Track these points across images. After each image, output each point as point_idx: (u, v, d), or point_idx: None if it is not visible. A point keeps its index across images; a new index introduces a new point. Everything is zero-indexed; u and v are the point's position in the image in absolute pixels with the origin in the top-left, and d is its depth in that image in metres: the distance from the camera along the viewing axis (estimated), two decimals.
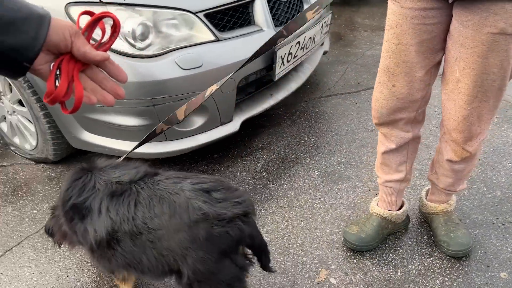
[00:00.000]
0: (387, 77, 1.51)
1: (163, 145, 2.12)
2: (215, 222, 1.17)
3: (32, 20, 0.59)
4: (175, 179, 1.26)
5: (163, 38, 1.99)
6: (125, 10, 1.90)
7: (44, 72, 0.64)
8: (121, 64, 1.91)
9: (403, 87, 1.49)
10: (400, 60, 1.44)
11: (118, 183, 1.26)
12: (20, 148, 2.53)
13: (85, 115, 2.08)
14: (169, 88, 1.97)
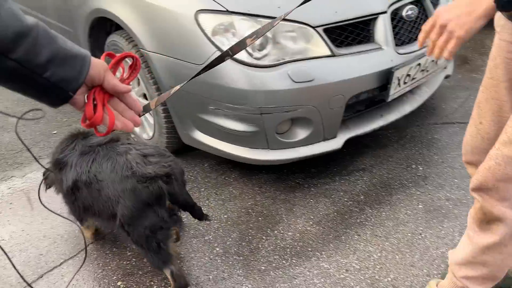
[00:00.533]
0: (477, 113, 1.37)
1: (264, 153, 2.16)
2: (140, 178, 1.49)
3: (79, 58, 0.72)
4: (128, 145, 1.61)
5: (279, 49, 2.03)
6: (248, 20, 1.98)
7: (79, 101, 0.76)
8: (237, 71, 2.01)
9: (490, 126, 1.33)
10: (489, 96, 1.31)
11: (89, 146, 1.65)
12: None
13: (198, 115, 2.21)
14: (278, 99, 2.00)
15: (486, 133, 1.35)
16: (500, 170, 1.21)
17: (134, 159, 1.53)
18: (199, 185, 2.38)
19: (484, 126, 1.35)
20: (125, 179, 1.50)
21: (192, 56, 2.06)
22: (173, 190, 1.54)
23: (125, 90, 0.79)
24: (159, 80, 2.27)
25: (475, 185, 1.30)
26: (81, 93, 0.75)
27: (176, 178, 1.57)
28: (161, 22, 2.14)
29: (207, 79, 2.05)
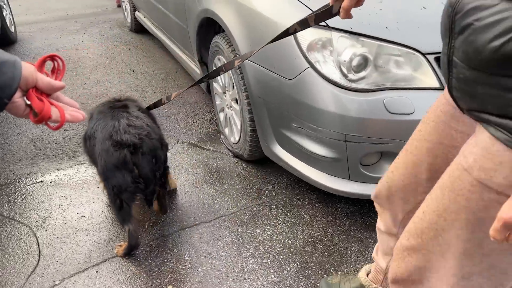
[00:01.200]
0: (396, 158, 1.32)
1: (343, 183, 1.98)
2: (113, 143, 1.73)
3: (9, 63, 0.71)
4: (126, 113, 1.86)
5: (379, 74, 1.82)
6: (348, 38, 1.81)
7: (19, 105, 0.75)
8: (326, 91, 1.86)
9: (399, 178, 1.29)
10: (408, 147, 1.26)
11: (108, 107, 1.94)
12: (226, 139, 2.80)
13: (281, 130, 2.11)
14: (367, 129, 1.79)
15: (394, 185, 1.31)
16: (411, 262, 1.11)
17: (119, 125, 1.77)
18: (271, 201, 2.28)
19: (394, 176, 1.31)
20: (104, 141, 1.76)
21: (283, 69, 1.96)
22: (137, 161, 1.73)
23: (60, 86, 0.80)
24: (249, 88, 2.21)
25: (392, 278, 1.19)
26: (19, 97, 0.75)
27: (143, 151, 1.75)
28: (259, 30, 2.07)
29: (293, 94, 1.93)
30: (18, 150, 2.79)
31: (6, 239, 2.05)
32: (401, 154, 1.31)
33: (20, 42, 5.10)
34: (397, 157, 1.33)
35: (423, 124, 1.22)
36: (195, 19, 2.80)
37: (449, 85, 0.97)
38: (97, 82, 3.87)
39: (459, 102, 0.96)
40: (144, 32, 5.22)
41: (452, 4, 0.89)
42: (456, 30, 0.89)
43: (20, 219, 2.17)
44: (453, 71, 0.93)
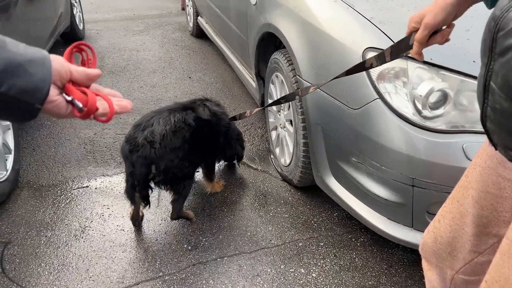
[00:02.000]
0: (443, 207, 1.16)
1: (405, 231, 1.74)
2: (128, 135, 1.95)
3: (37, 61, 0.62)
4: (168, 117, 1.96)
5: (459, 113, 1.58)
6: (427, 70, 1.58)
7: (60, 102, 0.66)
8: (395, 127, 1.64)
9: (445, 230, 1.13)
10: (455, 196, 1.10)
11: (181, 105, 2.11)
12: (276, 159, 2.63)
13: (338, 162, 1.92)
14: (440, 176, 1.56)
15: (440, 236, 1.15)
16: None
17: (149, 123, 1.92)
18: (320, 237, 2.09)
19: (441, 226, 1.15)
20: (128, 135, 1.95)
21: (347, 97, 1.77)
22: (132, 159, 1.87)
23: (97, 74, 0.72)
24: (307, 113, 2.04)
25: None
26: (56, 95, 0.66)
27: (138, 154, 1.85)
28: (325, 52, 1.89)
29: (356, 126, 1.73)
30: (69, 151, 2.80)
31: (44, 245, 2.02)
32: (448, 202, 1.16)
33: (87, 39, 5.26)
34: (444, 205, 1.17)
35: (470, 169, 1.06)
36: (256, 32, 2.67)
37: (482, 114, 0.84)
38: (153, 86, 3.86)
39: (492, 136, 0.84)
40: (204, 37, 5.20)
41: (496, 18, 0.74)
42: (497, 51, 0.74)
43: (61, 226, 2.14)
44: (488, 98, 0.81)
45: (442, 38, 1.06)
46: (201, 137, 2.05)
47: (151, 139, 1.84)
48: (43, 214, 2.22)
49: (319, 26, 1.93)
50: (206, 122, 2.08)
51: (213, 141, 2.21)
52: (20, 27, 2.92)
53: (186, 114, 2.01)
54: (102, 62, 4.42)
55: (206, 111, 2.11)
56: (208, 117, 2.10)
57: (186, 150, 1.95)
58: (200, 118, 2.05)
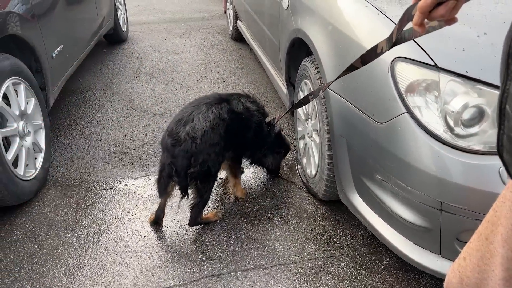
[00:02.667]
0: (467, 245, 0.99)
1: (431, 258, 1.59)
2: (170, 127, 2.06)
3: None
4: (205, 114, 2.01)
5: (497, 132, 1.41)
6: (461, 83, 1.43)
7: None
8: (424, 145, 1.49)
9: (472, 270, 0.95)
10: (483, 232, 0.92)
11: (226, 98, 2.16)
12: (303, 169, 2.53)
13: (362, 179, 1.79)
14: (471, 201, 1.40)
15: (466, 276, 0.99)
16: None
17: (190, 117, 1.99)
18: (341, 256, 1.96)
19: (467, 265, 0.98)
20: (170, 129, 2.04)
21: (373, 110, 1.64)
22: (174, 152, 1.96)
23: None
24: (331, 124, 1.93)
25: None
26: None
27: (180, 148, 1.93)
28: (351, 61, 1.77)
29: (381, 141, 1.61)
30: (98, 152, 2.84)
31: (63, 246, 2.04)
32: (475, 238, 1.00)
33: (129, 41, 5.39)
34: (470, 241, 1.02)
35: (498, 202, 0.90)
36: (287, 37, 2.59)
37: (498, 143, 0.74)
38: (187, 89, 3.87)
39: (510, 168, 0.73)
40: (243, 41, 5.16)
41: None
42: None
43: (81, 227, 2.16)
44: (504, 124, 0.72)
45: (445, 10, 0.87)
46: (232, 130, 2.09)
47: (193, 135, 1.94)
48: (66, 214, 2.25)
49: (347, 32, 1.81)
50: (238, 115, 2.13)
51: (241, 135, 2.19)
52: (58, 28, 3.00)
53: (221, 108, 2.06)
54: (141, 64, 4.50)
55: (240, 105, 2.16)
56: (241, 110, 2.14)
57: (222, 145, 2.03)
58: (233, 111, 2.10)
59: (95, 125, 3.20)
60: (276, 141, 2.41)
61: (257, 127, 2.25)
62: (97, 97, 3.70)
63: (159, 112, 3.40)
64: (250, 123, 2.21)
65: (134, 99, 3.66)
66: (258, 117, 2.25)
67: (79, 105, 3.55)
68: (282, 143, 2.48)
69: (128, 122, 3.24)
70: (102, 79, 4.12)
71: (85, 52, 3.77)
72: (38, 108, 2.53)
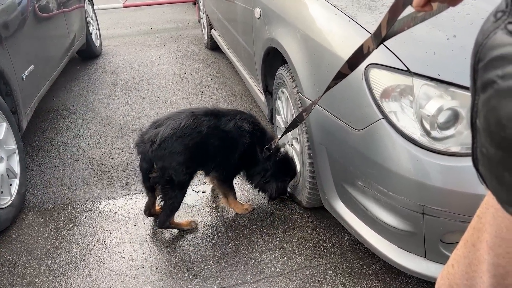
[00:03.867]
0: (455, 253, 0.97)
1: (417, 262, 1.59)
2: (142, 131, 2.11)
3: None
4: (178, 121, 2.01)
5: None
6: (435, 87, 1.44)
7: None
8: (402, 150, 1.48)
9: (461, 277, 0.95)
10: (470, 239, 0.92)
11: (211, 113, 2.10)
12: None
13: (344, 186, 1.79)
14: (452, 203, 1.41)
15: (455, 284, 0.98)
16: None
17: (158, 126, 2.02)
18: (329, 264, 1.95)
19: (455, 272, 0.98)
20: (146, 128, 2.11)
21: (350, 117, 1.65)
22: (139, 154, 2.09)
23: None
24: (310, 132, 1.92)
25: None
26: None
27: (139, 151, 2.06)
28: (326, 68, 1.78)
29: (360, 148, 1.61)
30: (77, 172, 2.78)
31: (43, 275, 1.97)
32: (461, 245, 1.00)
33: (104, 55, 5.31)
34: (457, 248, 1.02)
35: (482, 208, 0.91)
36: (261, 46, 2.58)
37: (473, 155, 0.74)
38: (165, 102, 3.83)
39: (486, 181, 0.72)
40: (218, 50, 5.14)
41: (477, 45, 0.62)
42: (478, 85, 0.63)
43: (62, 253, 2.09)
44: (477, 138, 0.70)
45: None
46: (209, 146, 2.05)
47: (152, 139, 1.96)
48: (45, 240, 2.19)
49: (320, 41, 1.82)
50: (222, 132, 2.07)
51: (223, 154, 2.12)
52: (27, 48, 2.93)
53: (202, 121, 2.02)
54: (116, 79, 4.44)
55: (231, 123, 2.09)
56: (228, 128, 2.08)
57: (188, 157, 1.98)
58: (216, 126, 2.05)
59: (72, 145, 3.13)
60: (279, 167, 2.21)
61: (247, 150, 2.13)
62: (72, 116, 3.62)
63: (137, 128, 3.35)
64: (237, 144, 2.11)
65: (111, 115, 3.60)
66: (250, 139, 2.12)
67: (55, 125, 3.47)
68: (287, 168, 2.25)
69: (105, 140, 3.18)
70: (77, 96, 4.04)
71: (58, 71, 3.70)
72: (10, 132, 2.46)
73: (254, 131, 2.15)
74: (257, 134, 2.17)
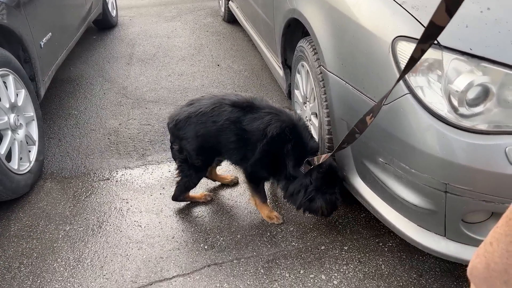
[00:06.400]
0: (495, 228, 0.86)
1: (436, 240, 1.57)
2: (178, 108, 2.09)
3: None
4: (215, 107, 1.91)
5: (503, 111, 1.38)
6: (466, 62, 1.38)
7: None
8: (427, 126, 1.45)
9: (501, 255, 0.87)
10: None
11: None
12: None
13: (364, 163, 1.76)
14: (477, 182, 1.37)
15: (494, 262, 0.90)
16: None
17: (189, 105, 1.98)
18: (344, 240, 1.95)
19: (494, 250, 0.89)
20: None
21: (374, 92, 1.60)
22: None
23: None
24: (331, 107, 1.88)
25: None
26: None
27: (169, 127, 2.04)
28: (351, 41, 1.72)
29: (383, 124, 1.57)
30: (94, 142, 2.79)
31: (62, 240, 2.01)
32: (502, 222, 0.95)
33: (120, 26, 5.27)
34: (497, 225, 0.97)
35: None
36: (282, 18, 2.52)
37: None
38: (181, 74, 3.80)
39: None
40: (236, 23, 5.05)
41: None
42: None
43: (79, 220, 2.12)
44: None
45: None
46: (229, 142, 1.90)
47: (174, 117, 1.96)
48: (63, 207, 2.22)
49: (345, 12, 1.76)
50: (241, 131, 1.86)
51: (244, 155, 1.92)
52: (45, 16, 2.91)
53: (223, 110, 1.87)
54: (133, 50, 4.40)
55: (255, 124, 1.84)
56: (249, 128, 1.84)
57: (198, 145, 1.93)
58: (236, 122, 1.85)
59: (89, 115, 3.13)
60: (323, 178, 1.86)
61: (272, 159, 1.89)
62: (89, 86, 3.62)
63: (153, 99, 3.34)
64: (255, 148, 1.87)
65: (127, 86, 3.59)
66: (274, 148, 1.84)
67: (71, 94, 3.47)
68: (332, 177, 1.89)
69: (122, 111, 3.18)
70: (93, 66, 4.04)
71: (75, 40, 3.68)
72: (29, 99, 2.47)
73: (283, 140, 1.83)
74: (288, 144, 1.84)
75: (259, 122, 1.84)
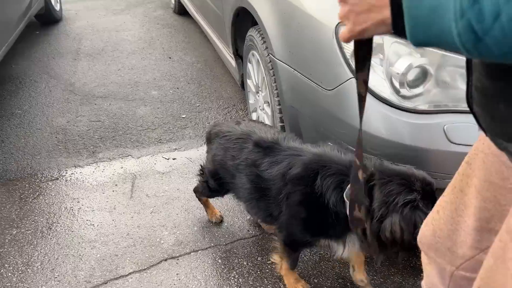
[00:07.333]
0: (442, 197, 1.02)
1: None
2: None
3: None
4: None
5: (441, 91, 1.45)
6: (404, 45, 1.44)
7: None
8: (372, 108, 1.50)
9: (445, 222, 1.00)
10: (457, 184, 0.96)
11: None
12: None
13: None
14: (421, 161, 1.44)
15: (439, 229, 1.02)
16: None
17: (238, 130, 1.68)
18: None
19: (440, 217, 1.02)
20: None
21: (321, 78, 1.63)
22: None
23: None
24: (281, 94, 1.90)
25: None
26: None
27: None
28: (297, 28, 1.74)
29: (330, 108, 1.61)
30: (40, 141, 2.67)
31: (9, 245, 1.91)
32: (448, 191, 1.03)
33: (65, 20, 5.03)
34: (443, 194, 1.05)
35: (471, 154, 0.93)
36: (230, 8, 2.50)
37: (468, 95, 0.75)
38: (131, 68, 3.70)
39: (479, 120, 0.74)
40: (187, 14, 4.97)
41: None
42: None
43: (27, 223, 2.03)
44: (472, 76, 0.71)
45: None
46: (244, 188, 1.60)
47: (211, 128, 1.82)
48: (9, 210, 2.11)
49: (292, 1, 1.77)
50: (258, 177, 1.51)
51: (267, 208, 1.56)
52: None
53: (241, 148, 1.57)
54: (79, 45, 4.23)
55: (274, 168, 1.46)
56: (266, 175, 1.48)
57: (215, 170, 1.73)
58: (252, 165, 1.52)
59: (34, 113, 2.99)
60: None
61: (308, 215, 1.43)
62: (33, 83, 3.45)
63: (103, 95, 3.23)
64: (276, 200, 1.48)
65: (74, 82, 3.45)
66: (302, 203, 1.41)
67: (14, 93, 3.29)
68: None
69: (70, 108, 3.06)
70: (37, 63, 3.84)
71: (14, 36, 3.48)
72: None
73: (309, 192, 1.38)
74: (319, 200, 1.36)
75: (279, 167, 1.45)
